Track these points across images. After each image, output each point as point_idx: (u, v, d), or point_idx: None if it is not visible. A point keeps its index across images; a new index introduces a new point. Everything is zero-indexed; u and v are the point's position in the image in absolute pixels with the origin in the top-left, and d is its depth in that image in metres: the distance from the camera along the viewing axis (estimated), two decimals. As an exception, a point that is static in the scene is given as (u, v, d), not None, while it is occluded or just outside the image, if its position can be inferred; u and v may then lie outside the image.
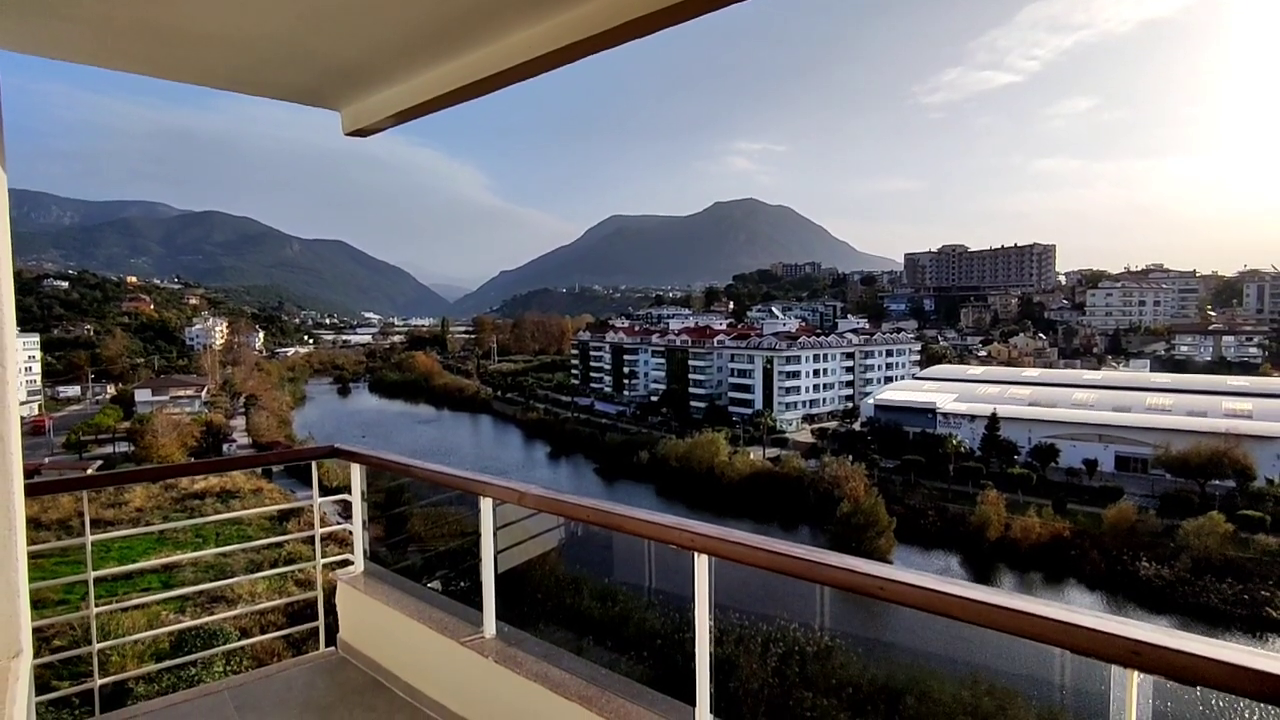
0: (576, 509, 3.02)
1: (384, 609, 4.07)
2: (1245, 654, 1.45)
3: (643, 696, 2.82)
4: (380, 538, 10.11)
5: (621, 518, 2.79)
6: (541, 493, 3.24)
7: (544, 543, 4.43)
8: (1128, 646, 1.54)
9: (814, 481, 53.85)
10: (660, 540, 2.61)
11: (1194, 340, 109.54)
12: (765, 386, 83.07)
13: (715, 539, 2.41)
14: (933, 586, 1.84)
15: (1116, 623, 1.59)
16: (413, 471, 4.10)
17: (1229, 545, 40.68)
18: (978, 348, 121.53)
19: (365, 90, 2.96)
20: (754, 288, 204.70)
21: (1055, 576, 43.04)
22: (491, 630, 3.53)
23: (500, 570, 4.05)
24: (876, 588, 1.91)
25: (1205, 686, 1.45)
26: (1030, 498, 50.03)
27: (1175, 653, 1.49)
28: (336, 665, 4.27)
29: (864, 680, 22.24)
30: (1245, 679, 1.41)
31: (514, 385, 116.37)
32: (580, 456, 76.58)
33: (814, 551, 2.16)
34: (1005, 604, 1.71)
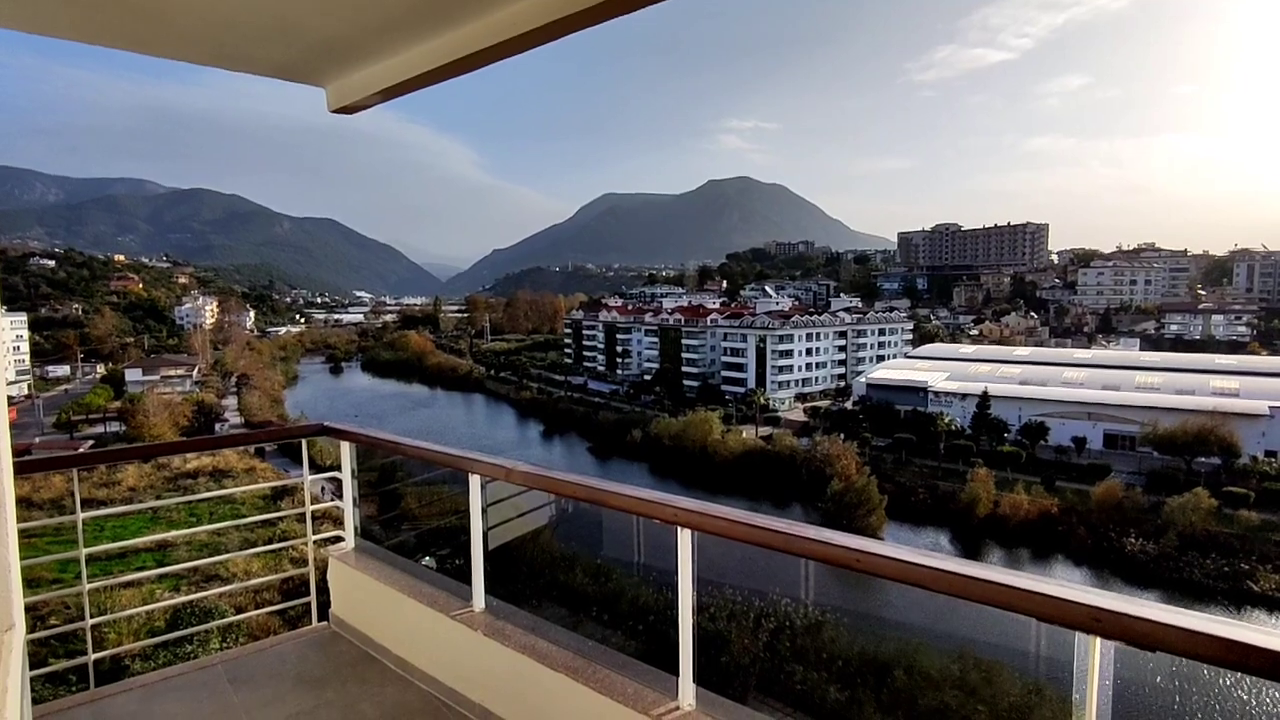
0: (563, 485, 3.09)
1: (375, 584, 4.14)
2: (1202, 619, 1.49)
3: (628, 667, 2.91)
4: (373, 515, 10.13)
5: (607, 493, 2.85)
6: (529, 469, 3.29)
7: (534, 520, 4.48)
8: (1089, 613, 1.59)
9: (806, 460, 54.22)
10: (644, 515, 2.68)
11: (1184, 319, 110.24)
12: (758, 365, 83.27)
13: (698, 513, 2.46)
14: (906, 558, 1.90)
15: (1079, 590, 1.64)
16: (402, 449, 4.15)
17: (1213, 521, 41.34)
18: (970, 327, 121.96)
19: (350, 66, 2.91)
20: (747, 266, 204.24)
21: (1043, 553, 43.69)
22: (481, 604, 3.60)
23: (492, 547, 4.10)
24: (853, 559, 1.98)
25: (1163, 651, 1.50)
26: (1020, 475, 50.58)
27: (1134, 619, 1.54)
28: (329, 639, 4.34)
29: (853, 654, 22.67)
30: (1201, 644, 1.46)
31: (507, 364, 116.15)
32: (574, 435, 76.80)
33: (793, 525, 2.22)
34: (974, 574, 1.77)
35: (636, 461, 65.12)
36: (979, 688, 17.51)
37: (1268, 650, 1.39)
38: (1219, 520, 41.52)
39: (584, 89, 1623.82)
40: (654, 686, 2.76)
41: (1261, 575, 37.60)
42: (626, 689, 2.77)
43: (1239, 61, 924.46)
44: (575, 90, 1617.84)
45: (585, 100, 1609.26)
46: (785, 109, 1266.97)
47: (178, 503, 32.91)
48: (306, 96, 3.66)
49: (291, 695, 3.71)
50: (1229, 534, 40.64)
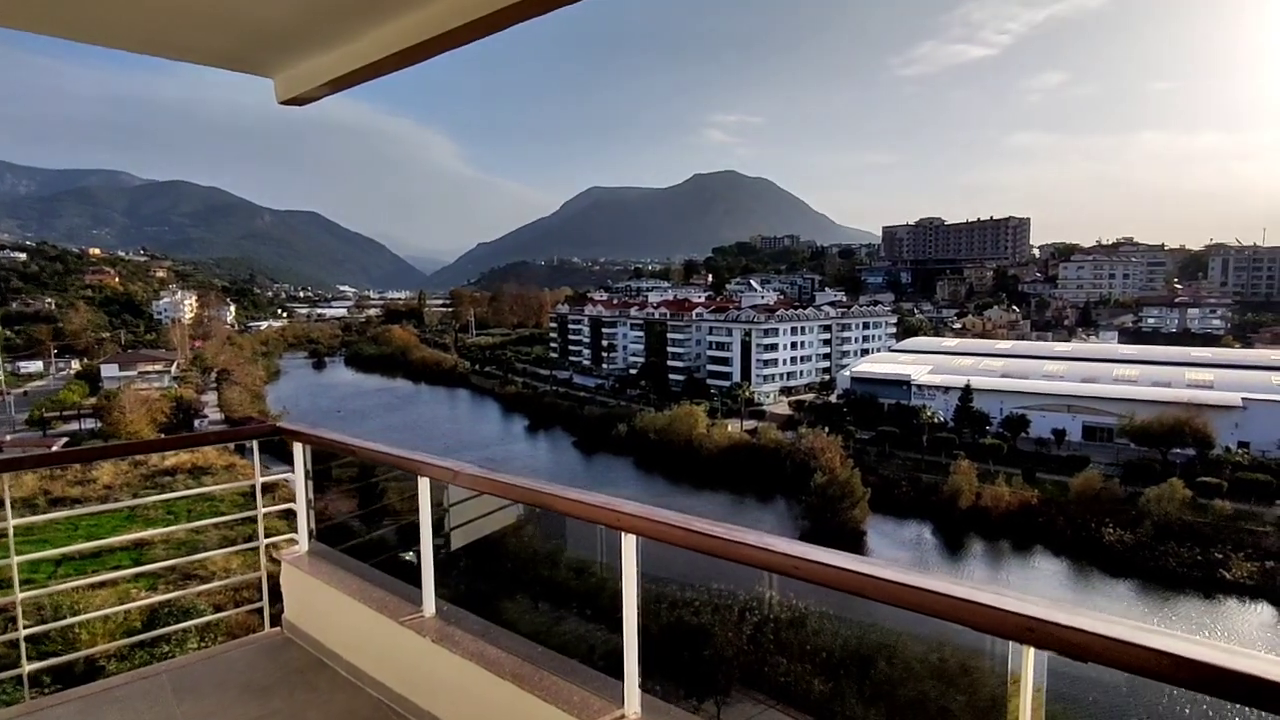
0: (508, 488, 3.04)
1: (327, 589, 4.06)
2: (1135, 629, 1.47)
3: (576, 673, 2.88)
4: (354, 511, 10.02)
5: (551, 496, 2.81)
6: (475, 471, 3.25)
7: (503, 518, 4.42)
8: (1023, 623, 1.58)
9: (791, 453, 54.42)
10: (588, 519, 2.63)
11: (1161, 312, 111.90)
12: (743, 359, 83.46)
13: (641, 518, 2.44)
14: (844, 565, 1.87)
15: (1014, 599, 1.62)
16: (355, 450, 4.08)
17: (1188, 511, 42.03)
18: (953, 320, 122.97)
19: (298, 56, 2.80)
20: (733, 260, 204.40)
21: (1024, 544, 44.21)
22: (431, 609, 3.55)
23: (456, 546, 4.03)
24: (791, 566, 1.97)
25: (1095, 662, 1.48)
26: (1001, 467, 51.11)
27: (1067, 629, 1.53)
28: (280, 646, 4.26)
29: (836, 646, 22.79)
30: (1132, 655, 1.43)
31: (492, 359, 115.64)
32: (559, 430, 76.60)
33: (734, 531, 2.19)
34: (912, 582, 1.75)
35: (622, 456, 65.06)
36: (956, 678, 17.69)
37: (1198, 662, 1.36)
38: (1194, 510, 42.21)
39: (568, 83, 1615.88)
40: (601, 693, 2.74)
41: (1234, 563, 38.29)
42: (573, 696, 2.76)
43: (1213, 59, 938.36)
44: (559, 84, 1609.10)
45: (570, 94, 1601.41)
46: (770, 103, 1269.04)
47: (119, 507, 31.94)
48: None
49: (237, 705, 3.64)
50: (1203, 523, 41.35)
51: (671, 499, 54.72)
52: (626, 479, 60.82)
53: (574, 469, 65.57)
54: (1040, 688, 1.62)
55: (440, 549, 4.77)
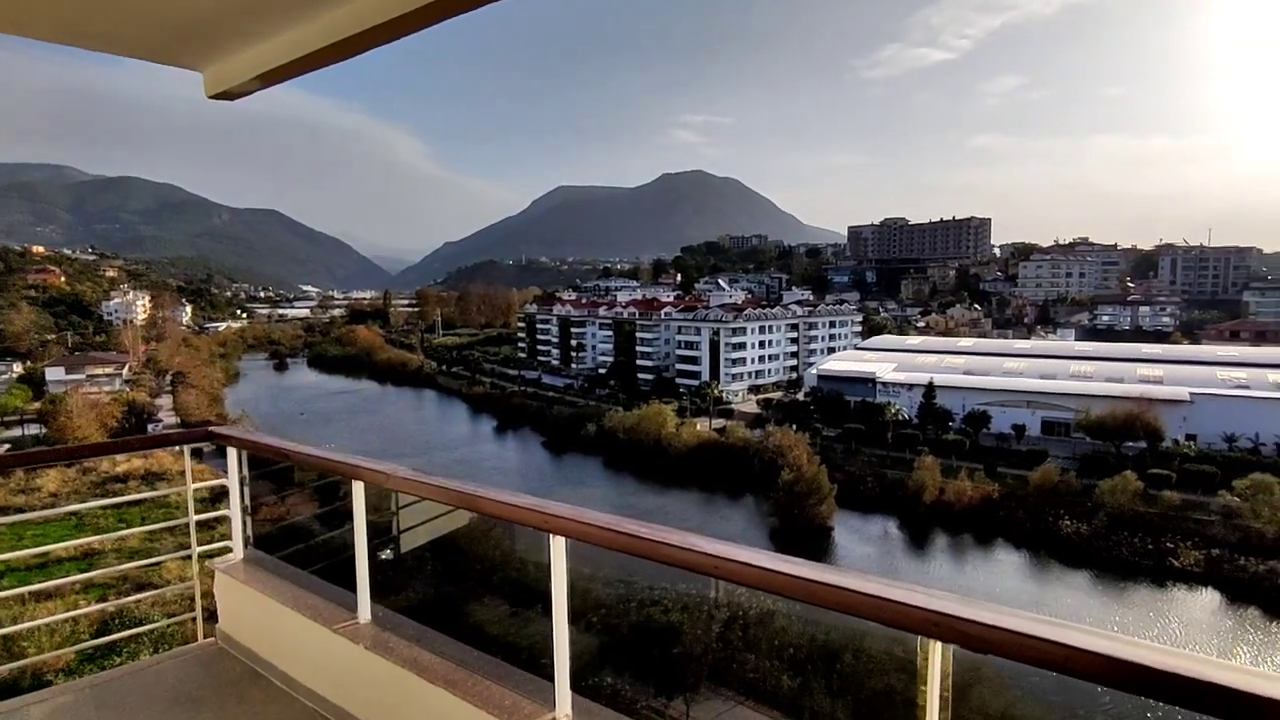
0: (438, 490, 3.02)
1: (262, 598, 3.96)
2: (1033, 621, 1.51)
3: (509, 677, 2.90)
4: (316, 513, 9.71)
5: (479, 498, 2.81)
6: (407, 474, 3.21)
7: (458, 518, 4.33)
8: (927, 618, 1.63)
9: (759, 451, 54.84)
10: (517, 521, 2.64)
11: (1114, 310, 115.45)
12: (712, 358, 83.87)
13: (568, 519, 2.45)
14: (764, 565, 1.89)
15: (922, 595, 1.66)
16: (289, 455, 4.02)
17: (1139, 502, 43.42)
18: (917, 318, 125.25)
19: (227, 49, 2.68)
20: (702, 259, 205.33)
21: (985, 537, 45.20)
22: (366, 615, 3.49)
23: (408, 549, 3.95)
24: (712, 566, 1.97)
25: (994, 654, 1.53)
26: (963, 462, 52.20)
27: (968, 622, 1.57)
28: (214, 657, 4.14)
29: (804, 640, 23.05)
30: (1031, 646, 1.47)
31: (459, 359, 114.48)
32: (528, 430, 76.14)
33: (659, 531, 2.20)
34: (828, 580, 1.79)
35: (591, 456, 64.91)
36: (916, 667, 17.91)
37: (1089, 652, 1.39)
38: (1145, 501, 43.62)
39: (535, 82, 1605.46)
40: (533, 696, 2.76)
41: (1182, 552, 39.69)
42: (505, 700, 2.78)
43: (1160, 67, 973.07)
44: (527, 83, 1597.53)
45: (537, 93, 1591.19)
46: (737, 104, 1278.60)
47: (41, 516, 30.40)
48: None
49: (164, 719, 3.53)
50: (1154, 514, 42.77)
51: (641, 498, 54.73)
52: (596, 478, 60.69)
53: (543, 469, 65.22)
54: (946, 679, 1.66)
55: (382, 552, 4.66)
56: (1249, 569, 37.59)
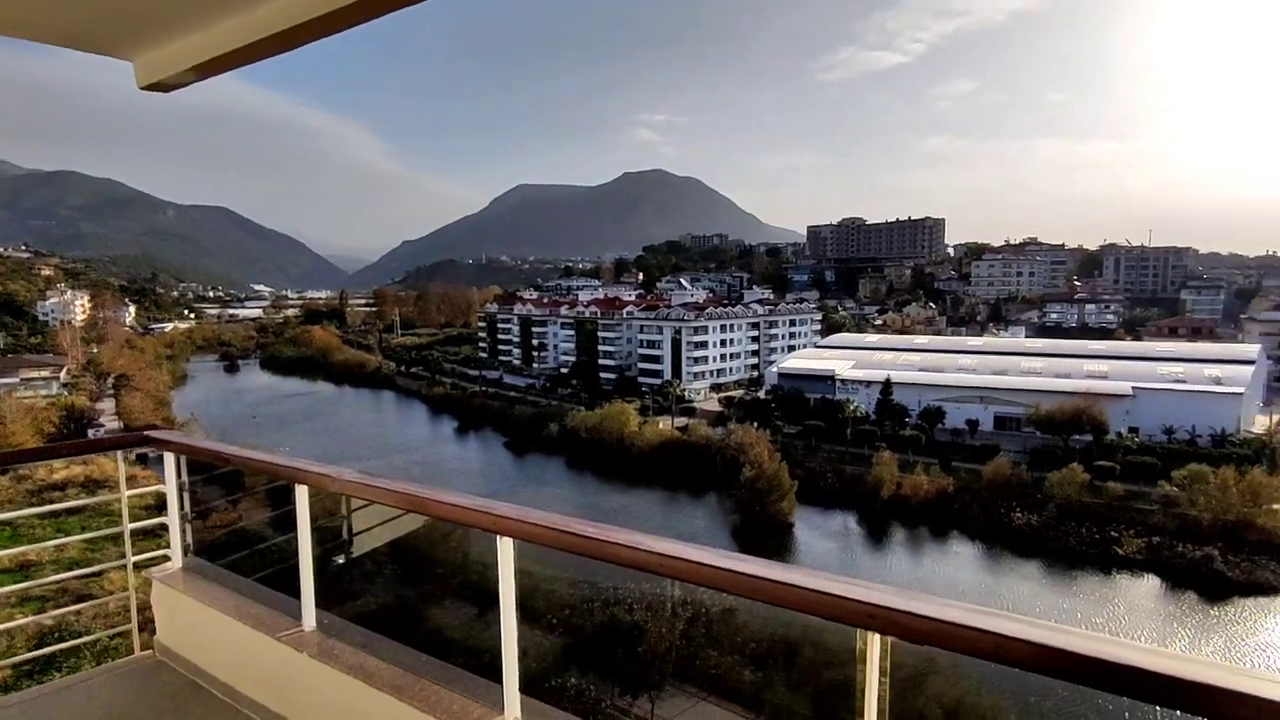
0: (385, 493, 2.98)
1: (202, 608, 3.85)
2: (969, 612, 1.54)
3: (457, 681, 2.88)
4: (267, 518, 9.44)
5: (427, 500, 2.78)
6: (353, 477, 3.16)
7: (411, 521, 4.23)
8: (866, 611, 1.65)
9: (721, 449, 55.24)
10: (464, 523, 2.64)
11: (1062, 308, 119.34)
12: (674, 356, 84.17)
13: (515, 520, 2.45)
14: (707, 561, 1.91)
15: (862, 589, 1.69)
16: (229, 459, 3.92)
17: (1086, 493, 45.05)
18: (874, 317, 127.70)
19: (159, 38, 2.57)
20: (663, 259, 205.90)
21: (941, 530, 46.29)
22: (311, 623, 3.41)
23: (362, 553, 3.83)
24: (658, 564, 1.99)
25: (930, 645, 1.56)
26: (920, 457, 53.36)
27: (904, 614, 1.59)
28: (151, 670, 4.00)
29: (765, 636, 23.25)
30: (967, 637, 1.50)
31: (419, 359, 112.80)
32: (489, 430, 75.38)
33: (605, 530, 2.20)
34: (770, 576, 1.81)
35: (554, 456, 64.56)
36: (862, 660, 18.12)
37: (1022, 641, 1.42)
38: (1091, 492, 45.27)
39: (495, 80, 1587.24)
40: (482, 700, 2.74)
41: (1125, 540, 41.27)
42: (453, 705, 2.75)
43: (1101, 74, 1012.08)
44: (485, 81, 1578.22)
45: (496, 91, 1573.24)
46: (697, 103, 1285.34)
47: None
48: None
49: None
50: (1099, 504, 44.39)
51: (604, 497, 54.63)
52: (558, 478, 60.38)
53: (505, 470, 64.64)
54: (884, 670, 1.70)
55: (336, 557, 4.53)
56: (1186, 555, 39.28)
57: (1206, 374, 59.63)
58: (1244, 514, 40.10)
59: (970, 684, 20.34)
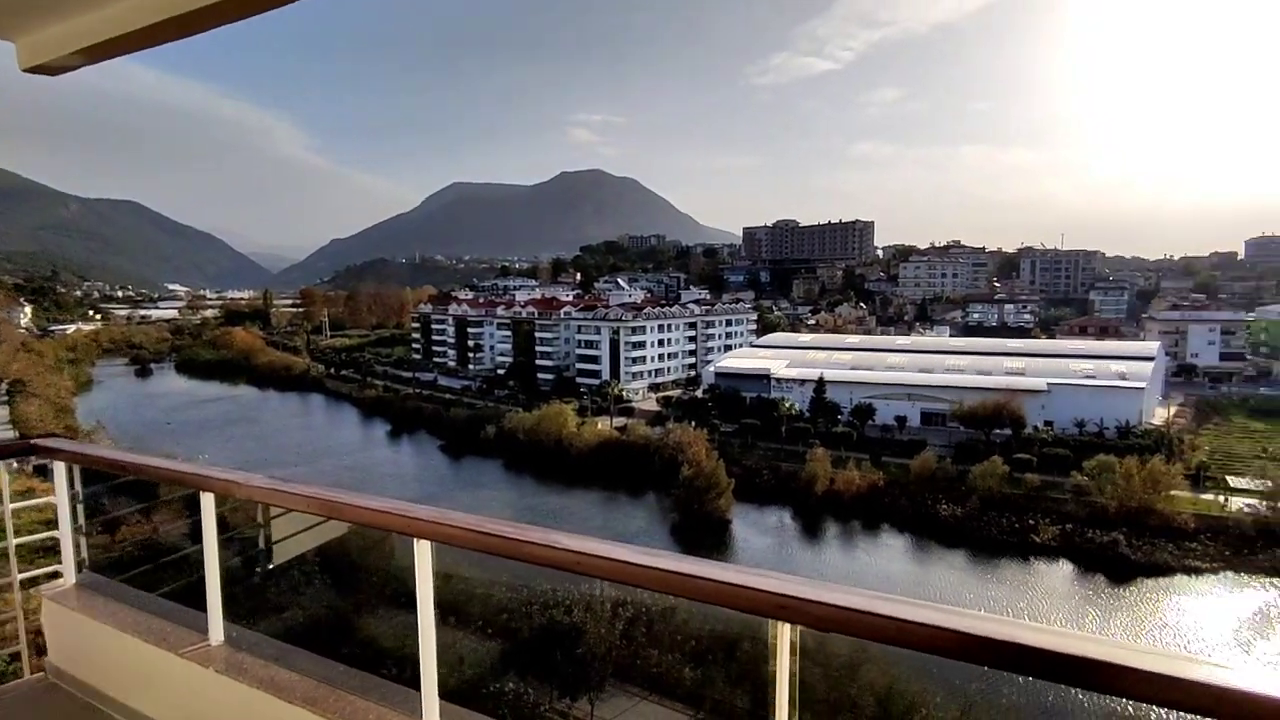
0: (297, 498, 2.87)
1: (99, 625, 3.60)
2: (870, 599, 1.58)
3: (374, 690, 2.82)
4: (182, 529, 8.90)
5: (342, 505, 2.70)
6: (262, 483, 3.03)
7: (333, 528, 4.02)
8: (776, 601, 1.69)
9: (659, 448, 55.56)
10: (380, 526, 2.60)
11: (984, 308, 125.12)
12: (612, 357, 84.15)
13: (432, 522, 2.40)
14: (622, 558, 1.93)
15: (773, 580, 1.72)
16: (127, 467, 3.70)
17: (1006, 485, 47.34)
18: (808, 316, 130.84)
19: (43, 17, 2.39)
20: (601, 259, 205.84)
21: (872, 523, 47.80)
22: (218, 636, 3.25)
23: (281, 561, 3.61)
24: (574, 562, 1.98)
25: (837, 632, 1.60)
26: (852, 453, 54.96)
27: (813, 603, 1.63)
28: (43, 693, 3.72)
29: (704, 632, 23.46)
30: (864, 623, 1.56)
31: (349, 361, 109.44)
32: (423, 433, 73.65)
33: (522, 530, 2.19)
34: (681, 570, 1.83)
35: (491, 458, 63.57)
36: (813, 651, 18.48)
37: (921, 624, 1.48)
38: (1010, 483, 47.62)
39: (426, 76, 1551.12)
40: (399, 708, 2.69)
41: (1042, 528, 43.61)
42: (369, 715, 2.68)
43: (1019, 84, 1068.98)
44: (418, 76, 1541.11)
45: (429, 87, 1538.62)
46: (634, 104, 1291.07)
47: None
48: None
49: None
50: (1018, 494, 46.77)
51: (542, 499, 54.12)
52: (496, 481, 59.49)
53: (441, 473, 63.25)
54: (795, 658, 1.75)
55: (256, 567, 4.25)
56: (1095, 540, 41.80)
57: (1113, 370, 63.62)
58: (1145, 500, 42.92)
59: (901, 670, 21.03)
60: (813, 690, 19.94)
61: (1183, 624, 35.10)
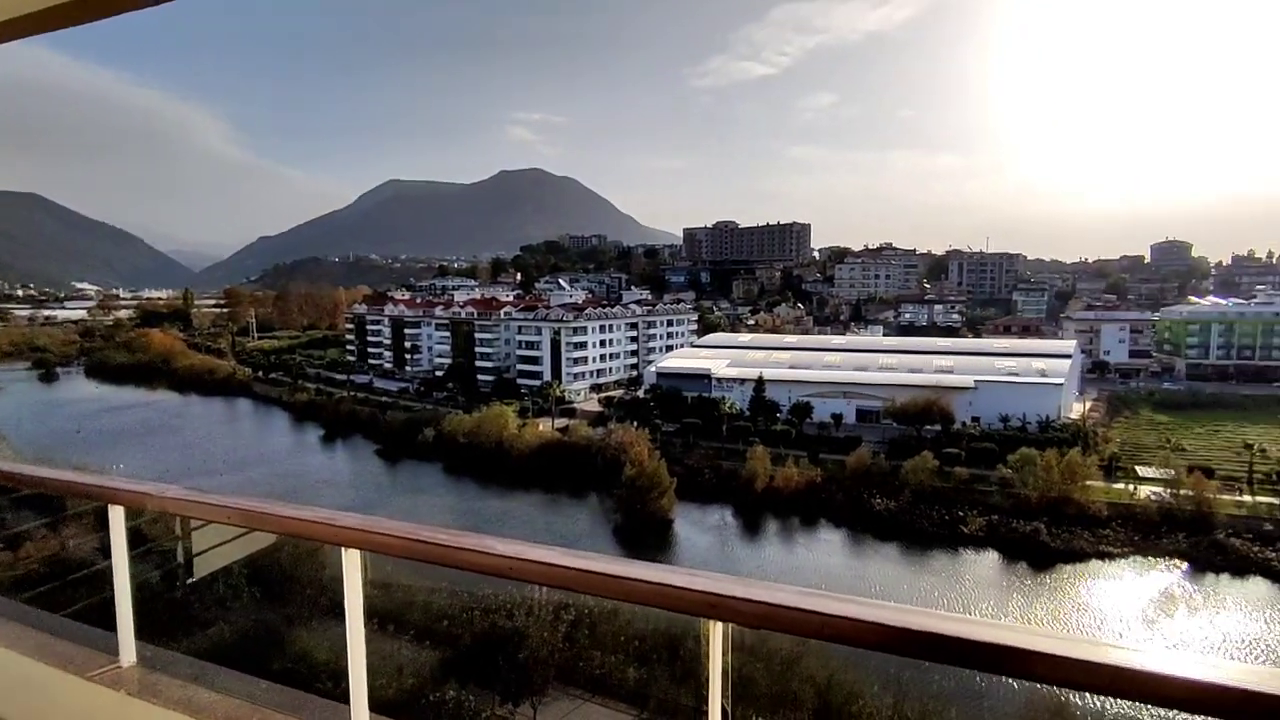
0: (214, 509, 2.71)
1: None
2: (797, 595, 1.60)
3: (302, 707, 2.70)
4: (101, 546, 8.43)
5: (265, 515, 2.57)
6: (177, 494, 2.86)
7: (264, 538, 3.82)
8: (705, 600, 1.69)
9: (601, 449, 55.45)
10: (306, 537, 2.47)
11: (915, 308, 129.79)
12: (553, 357, 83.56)
13: (361, 531, 2.30)
14: (554, 561, 1.93)
15: (702, 579, 1.72)
16: (21, 479, 3.41)
17: (936, 478, 49.17)
18: (747, 317, 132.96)
19: None
20: (541, 259, 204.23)
21: (810, 519, 48.89)
22: (130, 657, 3.03)
23: (203, 575, 3.40)
24: (507, 568, 1.97)
25: (765, 628, 1.63)
26: (790, 450, 56.08)
27: (741, 600, 1.64)
28: None
29: (648, 632, 23.58)
30: (790, 618, 1.58)
31: (279, 364, 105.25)
32: (359, 438, 71.45)
33: (455, 536, 2.13)
34: (612, 572, 1.83)
35: (430, 462, 62.18)
36: (755, 646, 18.84)
37: (843, 618, 1.50)
38: (940, 477, 49.48)
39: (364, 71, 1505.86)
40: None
41: (970, 520, 45.47)
42: None
43: (948, 92, 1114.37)
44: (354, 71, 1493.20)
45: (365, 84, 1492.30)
46: (574, 104, 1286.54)
47: None
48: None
49: None
50: (947, 488, 48.64)
51: (483, 503, 53.29)
52: (435, 486, 58.24)
53: (378, 479, 61.51)
54: (726, 655, 1.76)
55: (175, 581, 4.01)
56: (1019, 530, 43.85)
57: (1034, 367, 66.94)
58: (1064, 490, 45.29)
59: (839, 663, 21.62)
60: (756, 684, 20.32)
61: (1098, 606, 37.21)
